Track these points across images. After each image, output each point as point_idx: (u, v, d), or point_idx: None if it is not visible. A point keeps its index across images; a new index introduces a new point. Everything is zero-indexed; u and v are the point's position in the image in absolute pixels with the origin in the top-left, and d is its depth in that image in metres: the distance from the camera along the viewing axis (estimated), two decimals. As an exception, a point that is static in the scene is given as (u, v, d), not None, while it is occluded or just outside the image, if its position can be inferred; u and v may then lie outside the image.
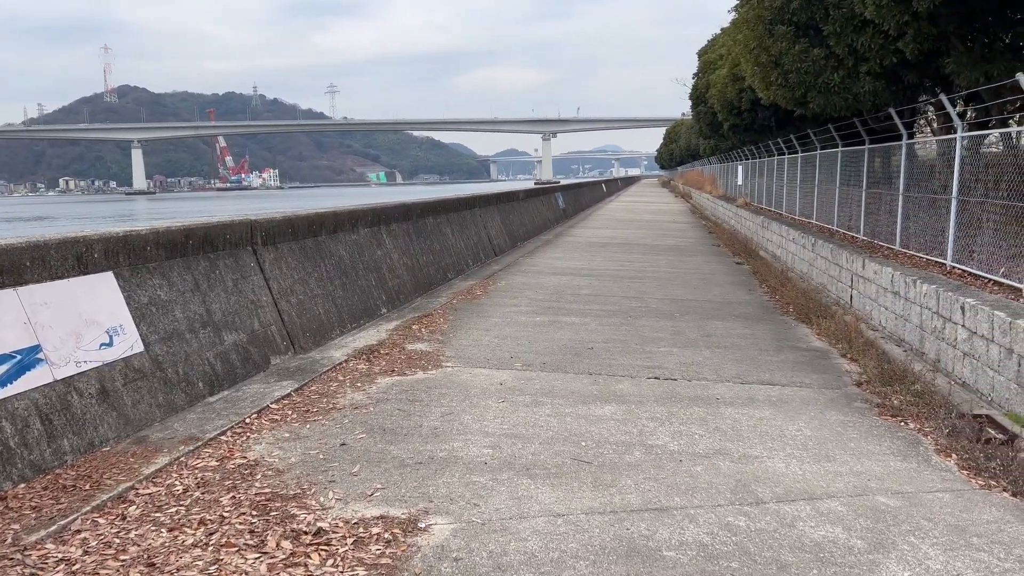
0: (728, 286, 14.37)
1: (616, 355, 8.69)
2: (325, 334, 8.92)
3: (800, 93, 11.94)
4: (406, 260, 12.30)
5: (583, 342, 9.32)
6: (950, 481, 5.22)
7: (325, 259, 9.58)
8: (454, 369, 7.90)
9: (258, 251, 8.18)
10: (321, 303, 9.08)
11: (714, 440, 5.95)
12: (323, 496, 4.71)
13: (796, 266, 16.29)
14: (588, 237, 24.18)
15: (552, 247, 20.89)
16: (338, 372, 7.62)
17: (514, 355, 8.57)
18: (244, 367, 7.27)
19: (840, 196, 15.74)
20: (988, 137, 10.50)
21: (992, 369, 7.06)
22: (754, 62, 12.44)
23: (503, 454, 5.53)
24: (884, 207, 12.99)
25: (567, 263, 17.24)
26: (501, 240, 19.51)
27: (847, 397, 7.24)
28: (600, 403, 6.85)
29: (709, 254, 20.09)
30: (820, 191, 17.75)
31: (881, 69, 11.17)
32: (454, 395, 6.97)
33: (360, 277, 10.36)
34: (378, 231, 11.57)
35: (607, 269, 16.31)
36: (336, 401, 6.70)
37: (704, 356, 8.74)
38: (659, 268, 16.70)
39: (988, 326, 7.16)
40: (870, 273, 10.97)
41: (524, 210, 23.83)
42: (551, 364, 8.21)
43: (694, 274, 15.90)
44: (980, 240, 9.15)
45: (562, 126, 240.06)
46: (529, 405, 6.73)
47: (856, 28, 10.98)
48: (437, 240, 14.30)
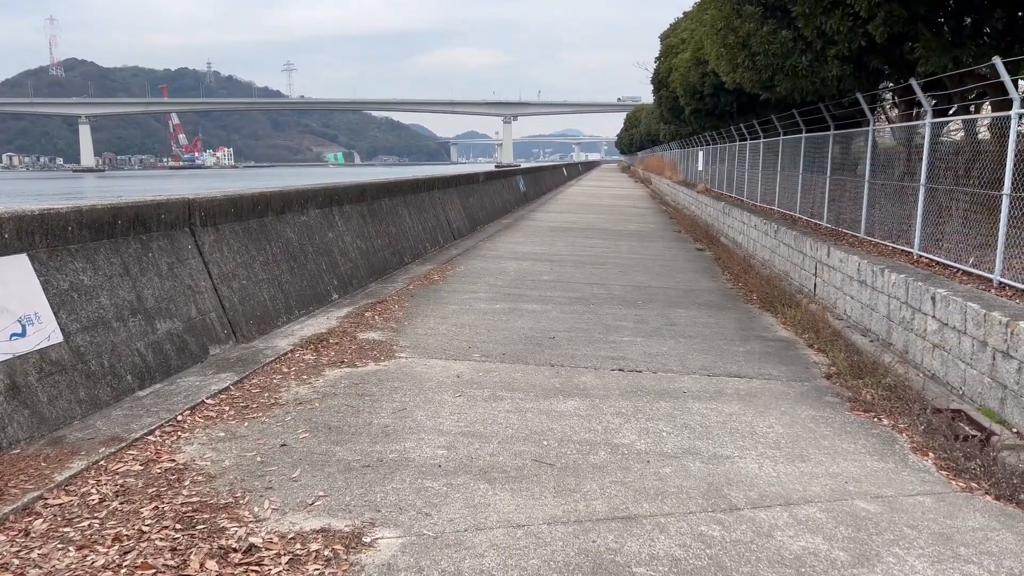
0: (691, 273, 14.13)
1: (579, 345, 8.33)
2: (271, 322, 8.38)
3: (767, 76, 11.67)
4: (360, 243, 11.76)
5: (545, 331, 8.94)
6: (930, 483, 4.97)
7: (272, 242, 9.01)
8: (408, 360, 7.45)
9: (197, 232, 7.59)
10: (266, 288, 8.53)
11: (682, 438, 5.62)
12: (258, 505, 4.24)
13: (758, 253, 16.14)
14: (549, 221, 23.81)
15: (513, 231, 20.47)
16: (283, 363, 7.10)
17: (472, 345, 8.15)
18: (179, 358, 6.71)
19: (804, 183, 15.60)
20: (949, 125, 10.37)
21: (964, 362, 6.87)
22: (721, 43, 12.12)
23: (459, 455, 5.11)
24: (848, 194, 12.84)
25: (528, 248, 16.84)
26: (461, 224, 19.01)
27: (817, 391, 6.99)
28: (563, 397, 6.48)
29: (671, 240, 19.88)
30: (783, 178, 17.62)
31: (849, 53, 10.93)
32: (408, 389, 6.52)
33: (310, 261, 9.81)
34: (330, 213, 11.00)
35: (569, 254, 15.95)
36: (279, 396, 6.21)
37: (669, 346, 8.43)
38: (621, 254, 16.41)
39: (960, 317, 6.96)
40: (835, 261, 10.79)
41: (484, 193, 23.34)
42: (511, 355, 7.81)
43: (656, 260, 15.65)
44: (948, 229, 9.00)
45: (523, 109, 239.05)
46: (488, 400, 6.32)
47: (825, 10, 10.70)
48: (393, 223, 13.76)
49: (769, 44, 11.27)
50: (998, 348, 6.28)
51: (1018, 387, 5.96)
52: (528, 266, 14.07)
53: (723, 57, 12.41)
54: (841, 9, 10.56)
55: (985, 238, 8.16)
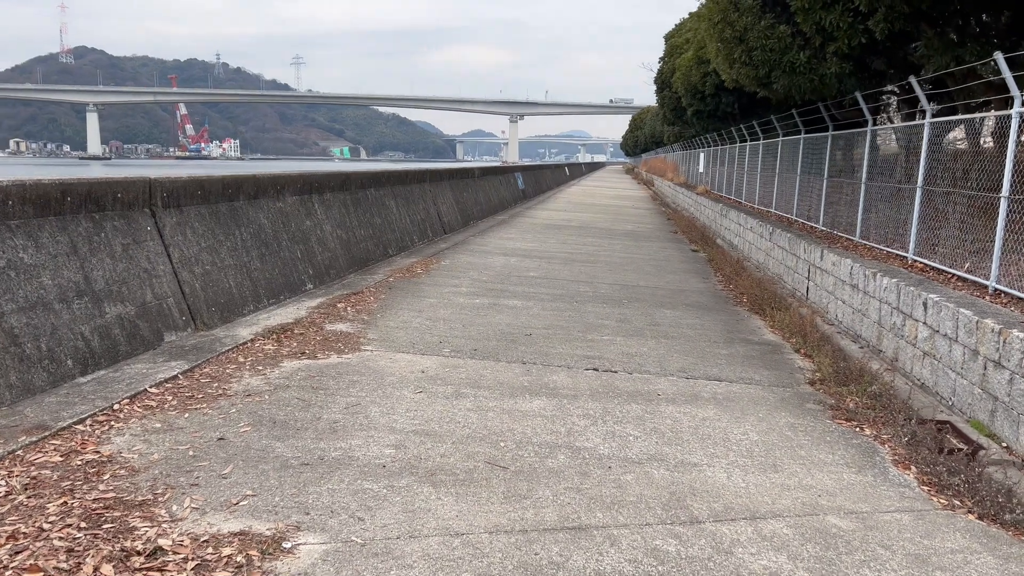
0: (682, 273, 13.79)
1: (555, 343, 8.00)
2: (235, 309, 8.05)
3: (764, 72, 11.32)
4: (340, 233, 11.43)
5: (522, 327, 8.61)
6: (909, 499, 4.63)
7: (242, 227, 8.68)
8: (373, 353, 7.12)
9: (157, 214, 7.27)
10: (233, 275, 8.21)
11: (650, 443, 5.28)
12: (177, 504, 3.92)
13: (753, 255, 15.80)
14: (545, 219, 23.47)
15: (506, 227, 20.14)
16: (240, 352, 6.78)
17: (444, 339, 7.82)
18: (130, 344, 6.39)
19: (801, 185, 15.26)
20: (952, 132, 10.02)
21: (954, 371, 6.53)
22: (718, 37, 11.77)
23: (407, 455, 4.78)
24: (845, 197, 12.49)
25: (519, 244, 16.51)
26: (452, 218, 18.69)
27: (799, 397, 6.65)
28: (529, 396, 6.15)
29: (666, 240, 19.54)
30: (780, 179, 17.27)
31: (849, 50, 10.58)
32: (366, 383, 6.20)
33: (283, 249, 9.49)
34: (308, 200, 10.68)
35: (559, 251, 15.62)
36: (228, 386, 5.88)
37: (649, 346, 8.10)
38: (613, 252, 16.07)
39: (952, 324, 6.62)
40: (828, 264, 10.45)
41: (480, 188, 23.01)
42: (483, 351, 7.48)
43: (648, 260, 15.30)
44: (944, 233, 8.65)
45: (530, 108, 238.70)
46: (449, 397, 5.99)
47: (825, 5, 10.35)
48: (379, 214, 13.44)
49: (766, 39, 10.92)
50: (990, 357, 5.94)
51: (1009, 399, 5.62)
52: (516, 262, 13.73)
53: (720, 52, 12.07)
54: (841, 4, 10.22)
55: (982, 243, 7.81)
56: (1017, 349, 5.54)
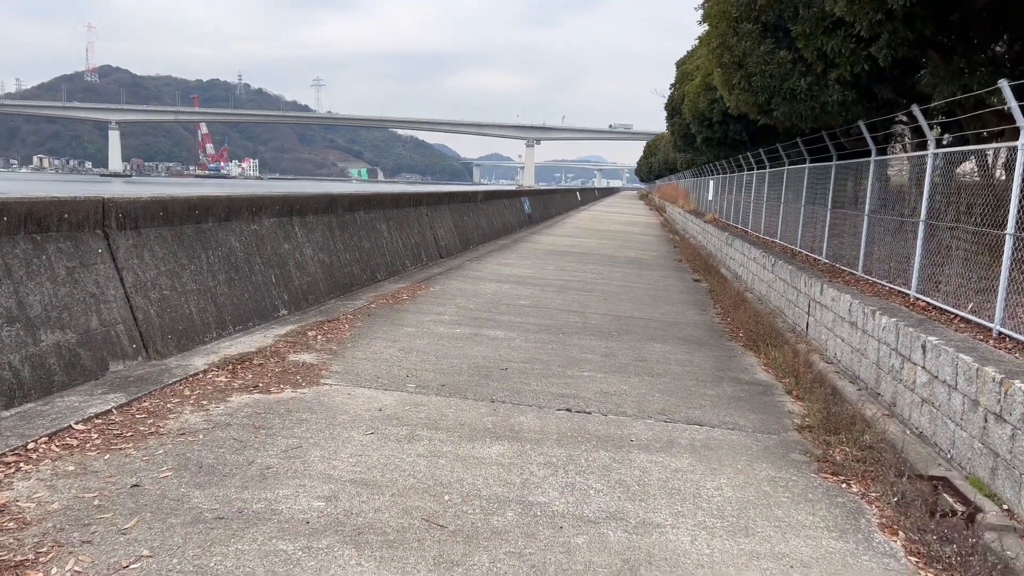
0: (679, 304, 13.31)
1: (530, 379, 7.55)
2: (196, 337, 7.67)
3: (764, 99, 10.92)
4: (322, 257, 11.08)
5: (499, 361, 8.17)
6: (894, 572, 4.13)
7: (209, 250, 8.33)
8: (332, 388, 6.71)
9: (111, 235, 6.93)
10: (195, 300, 7.84)
11: (612, 498, 4.81)
12: (57, 567, 3.50)
13: (755, 287, 15.30)
14: (547, 244, 23.08)
15: (506, 252, 19.76)
16: (187, 385, 6.38)
17: (412, 373, 7.39)
18: (68, 374, 6.02)
19: (805, 215, 14.79)
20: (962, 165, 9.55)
21: (953, 422, 6.02)
22: (717, 62, 11.40)
23: (337, 509, 4.34)
24: (849, 229, 12.01)
25: (515, 270, 16.10)
26: (450, 242, 18.33)
27: (784, 446, 6.15)
28: (490, 440, 5.69)
29: (668, 269, 19.07)
30: (786, 209, 16.81)
31: (852, 77, 10.17)
32: (315, 422, 5.77)
33: (256, 273, 9.13)
34: (288, 222, 10.34)
35: (555, 279, 15.19)
36: (164, 423, 5.48)
37: (631, 384, 7.63)
38: (611, 281, 15.62)
39: (951, 370, 6.12)
40: (828, 299, 9.95)
41: (482, 212, 22.68)
42: (451, 387, 7.04)
43: (647, 289, 14.84)
44: (948, 270, 8.15)
45: (546, 133, 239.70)
46: (402, 440, 5.55)
47: (826, 30, 9.97)
48: (368, 237, 13.09)
49: (766, 64, 10.53)
50: (991, 409, 5.43)
51: (1011, 456, 5.10)
52: (508, 289, 13.32)
53: (720, 77, 11.69)
54: (843, 30, 9.83)
55: (987, 282, 7.32)
56: (1020, 402, 5.04)
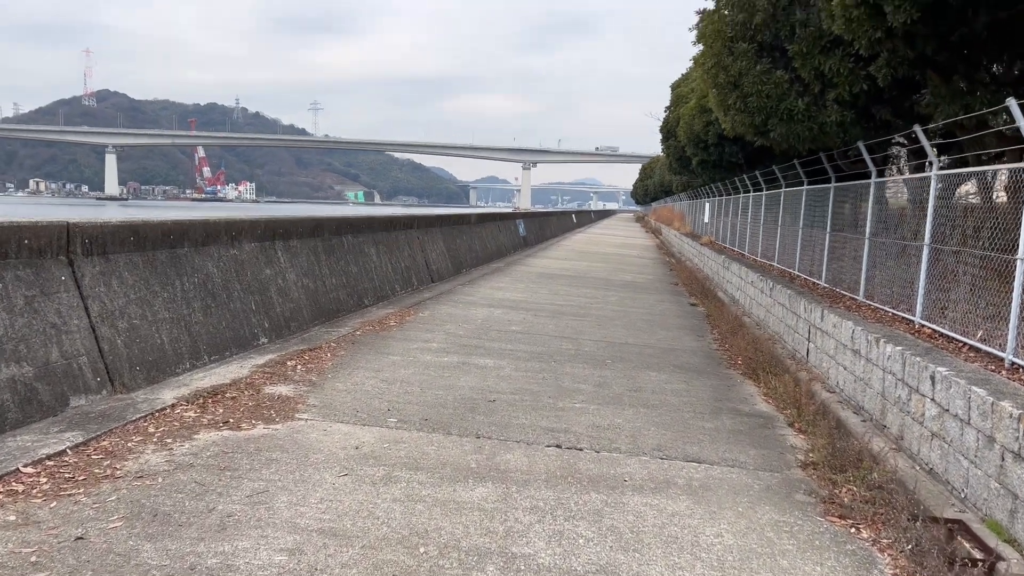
0: (676, 330, 12.96)
1: (519, 412, 7.18)
2: (167, 368, 7.30)
3: (760, 120, 10.67)
4: (307, 282, 10.73)
5: (487, 392, 7.80)
6: (912, 636, 3.75)
7: (184, 276, 7.98)
8: (307, 423, 6.33)
9: (76, 262, 6.58)
10: (168, 329, 7.47)
11: (603, 548, 4.43)
12: (-24, 638, 3.11)
13: (753, 311, 14.98)
14: (541, 267, 22.77)
15: (499, 276, 19.43)
16: (153, 421, 6.00)
17: (394, 406, 7.02)
18: (22, 410, 5.63)
19: (803, 238, 14.51)
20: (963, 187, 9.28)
21: (967, 459, 5.65)
22: (712, 83, 11.17)
23: (300, 565, 3.96)
24: (849, 253, 11.71)
25: (507, 294, 15.76)
26: (442, 265, 18.00)
27: (788, 485, 5.78)
28: (473, 482, 5.31)
29: (664, 293, 18.74)
30: (783, 232, 16.54)
31: (850, 97, 9.93)
32: (286, 462, 5.39)
33: (235, 300, 8.77)
34: (270, 247, 10.00)
35: (549, 303, 14.85)
36: (122, 465, 5.09)
37: (625, 417, 7.25)
38: (606, 305, 15.28)
39: (964, 404, 5.76)
40: (829, 326, 9.62)
41: (476, 235, 22.39)
42: (434, 421, 6.67)
43: (642, 314, 14.50)
44: (955, 296, 7.83)
45: (542, 156, 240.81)
46: (378, 482, 5.17)
47: (824, 49, 9.74)
48: (356, 261, 12.75)
49: (762, 85, 10.29)
50: (1008, 447, 5.07)
51: (1033, 500, 4.74)
52: (499, 314, 12.97)
53: (715, 98, 11.44)
54: (841, 49, 9.60)
55: (997, 308, 6.99)
56: (1041, 442, 4.69)
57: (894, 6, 7.26)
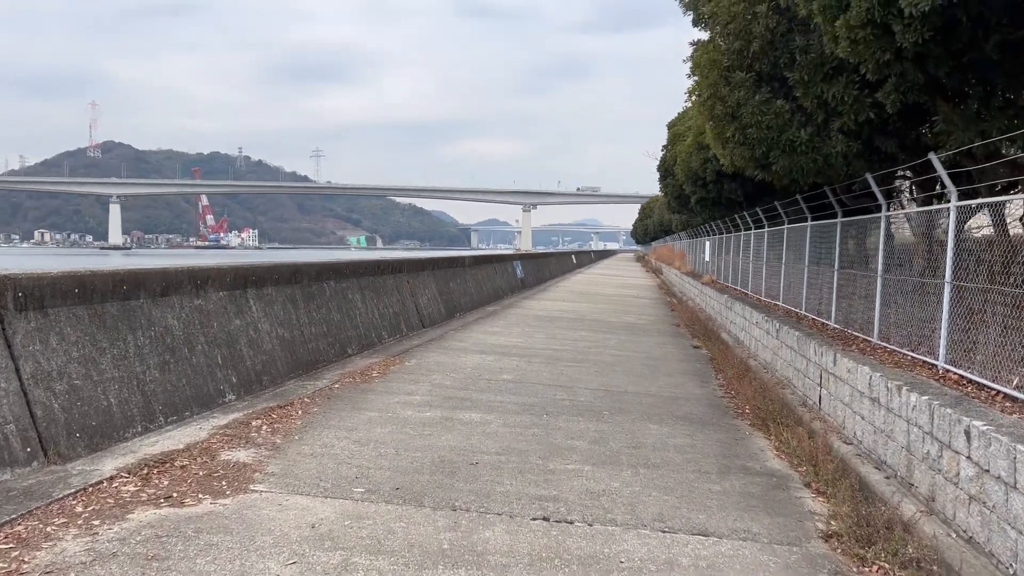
0: (678, 376, 12.22)
1: (505, 476, 6.43)
2: (113, 433, 6.58)
3: (761, 152, 10.09)
4: (282, 332, 10.05)
5: (470, 452, 7.06)
6: None
7: (139, 330, 7.31)
8: (262, 496, 5.59)
9: (6, 318, 5.92)
10: (116, 390, 6.78)
11: (593, 656, 3.67)
12: None
13: (760, 354, 14.24)
14: (538, 310, 22.09)
15: (493, 320, 18.74)
16: (83, 498, 5.27)
17: (364, 473, 6.28)
18: (-71, 490, 4.91)
19: (809, 277, 13.85)
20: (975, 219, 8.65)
21: (1015, 528, 4.89)
22: (709, 115, 10.63)
23: None
24: (859, 291, 11.04)
25: (501, 339, 15.05)
26: (434, 310, 17.34)
27: (810, 563, 5.01)
28: (443, 569, 4.56)
29: (666, 335, 18.02)
30: (787, 270, 15.89)
31: (856, 126, 9.35)
32: (227, 547, 4.65)
33: (198, 354, 8.09)
34: (241, 296, 9.35)
35: (544, 348, 14.13)
36: (32, 557, 4.35)
37: (623, 480, 6.50)
38: (605, 349, 14.56)
39: (1007, 464, 5.03)
40: (843, 371, 8.89)
41: (470, 278, 21.77)
42: (407, 491, 5.92)
43: (643, 359, 13.77)
44: (983, 337, 7.12)
45: (542, 198, 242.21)
46: (331, 572, 4.42)
47: (827, 76, 9.20)
48: (338, 308, 12.09)
49: (762, 115, 9.73)
50: (1069, 519, 4.33)
51: (1105, 585, 3.98)
52: (491, 362, 12.25)
53: (711, 131, 10.90)
54: (845, 76, 9.06)
55: (1033, 352, 6.28)
56: (1112, 515, 3.95)
57: (903, 25, 6.71)
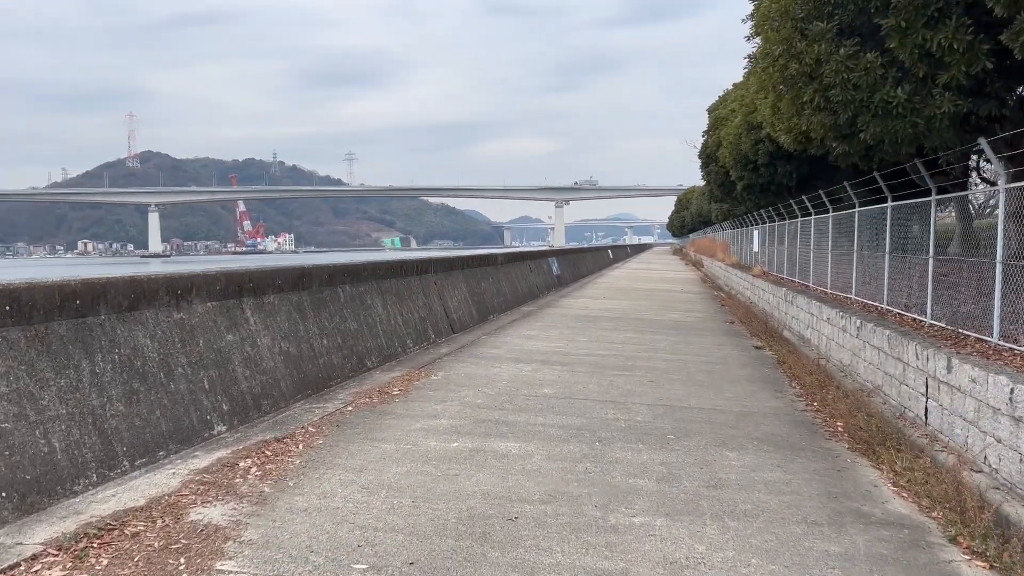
0: (746, 384, 10.57)
1: (553, 538, 4.91)
2: (58, 487, 5.21)
3: (846, 118, 8.41)
4: (287, 346, 8.66)
5: (507, 500, 5.55)
6: None
7: (97, 353, 5.95)
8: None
9: (-98, 348, 4.57)
10: (63, 431, 5.41)
11: None
12: None
13: (833, 354, 12.51)
14: (578, 309, 20.51)
15: (530, 321, 17.22)
16: (-19, 594, 3.89)
17: (369, 538, 4.81)
18: None
19: (892, 265, 12.07)
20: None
21: None
22: (779, 78, 8.96)
23: None
24: (965, 281, 9.29)
25: (539, 344, 13.53)
26: (464, 313, 15.88)
27: None
28: None
29: (721, 334, 16.32)
30: (861, 259, 14.09)
31: (966, 80, 7.65)
32: None
33: (177, 379, 6.71)
34: (236, 306, 7.97)
35: (588, 353, 12.57)
36: None
37: (709, 540, 4.94)
38: (656, 353, 12.95)
39: None
40: (963, 380, 7.19)
41: (503, 277, 20.28)
42: (424, 567, 4.44)
43: (701, 363, 12.13)
44: None
45: (575, 194, 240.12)
46: None
47: (930, 21, 7.51)
48: (354, 317, 10.68)
49: (849, 72, 8.05)
50: None
51: None
52: (529, 372, 10.74)
53: (784, 97, 9.21)
54: (955, 19, 7.36)
55: None
56: None
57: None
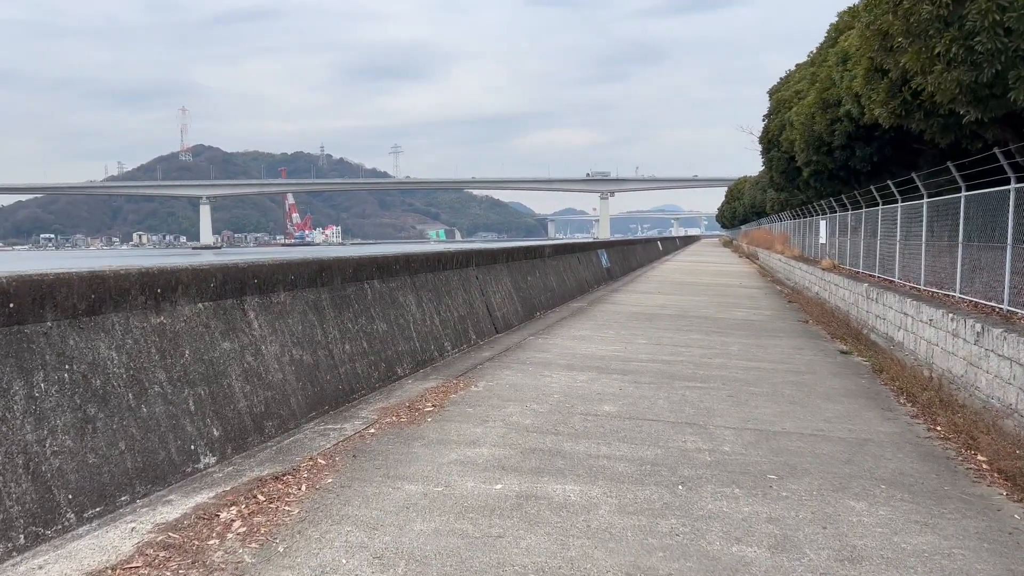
0: (844, 399, 8.86)
1: (638, 650, 3.38)
2: (-39, 557, 3.86)
3: (992, 73, 6.66)
4: (300, 354, 7.27)
5: (568, 579, 4.04)
6: None
7: (37, 372, 4.60)
8: None
9: None
10: (-24, 478, 4.06)
11: None
12: None
13: (938, 362, 10.68)
14: (632, 305, 18.85)
15: (581, 319, 15.64)
16: None
17: (374, 646, 3.35)
18: None
19: (1013, 258, 10.19)
20: None
21: None
22: (902, 28, 7.20)
23: None
24: None
25: (593, 347, 11.96)
26: (509, 310, 14.39)
27: None
28: None
29: (797, 335, 14.51)
30: (966, 251, 12.17)
31: None
32: None
33: (151, 400, 5.34)
34: (236, 306, 6.59)
35: (651, 359, 10.97)
36: None
37: (868, 661, 3.35)
38: (729, 359, 11.27)
39: None
40: None
41: (550, 270, 18.72)
42: None
43: (785, 372, 10.42)
44: None
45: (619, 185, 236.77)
46: None
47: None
48: (383, 317, 9.27)
49: (1002, 12, 6.29)
50: None
51: None
52: (584, 383, 9.19)
53: (907, 51, 7.44)
54: None
55: None
56: None
57: None
